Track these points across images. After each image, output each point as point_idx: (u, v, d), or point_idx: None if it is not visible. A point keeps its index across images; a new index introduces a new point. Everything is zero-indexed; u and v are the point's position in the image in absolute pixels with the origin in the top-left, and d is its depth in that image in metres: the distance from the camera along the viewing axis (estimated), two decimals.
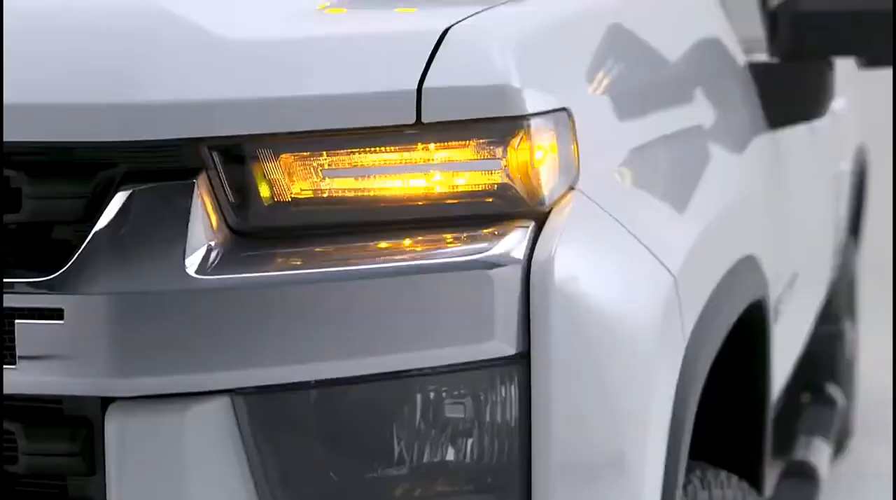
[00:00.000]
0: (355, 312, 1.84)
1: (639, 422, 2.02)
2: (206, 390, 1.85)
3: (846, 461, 5.69)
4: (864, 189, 6.09)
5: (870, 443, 5.85)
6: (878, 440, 5.83)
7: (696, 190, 2.47)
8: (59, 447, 1.87)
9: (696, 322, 2.26)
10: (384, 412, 1.89)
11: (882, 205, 7.59)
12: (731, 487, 2.68)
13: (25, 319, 1.83)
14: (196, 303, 1.82)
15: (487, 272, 1.87)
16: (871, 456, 5.69)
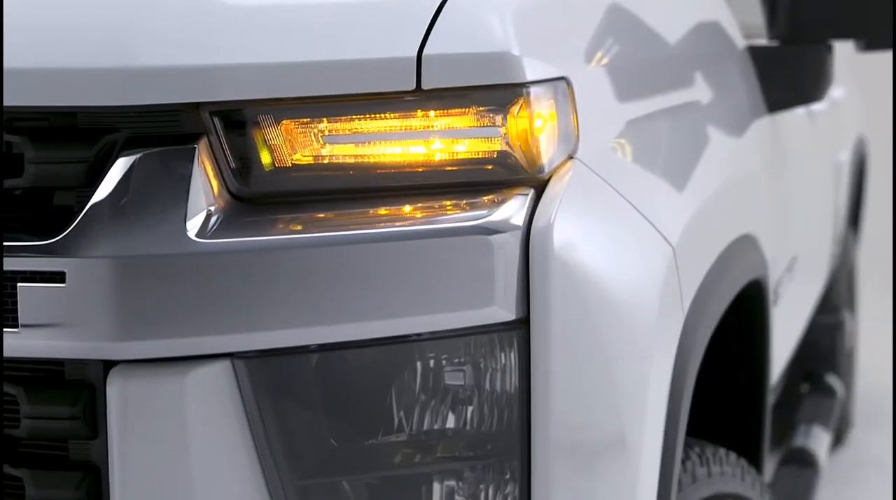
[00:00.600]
0: (355, 276, 1.85)
1: (638, 389, 2.03)
2: (207, 353, 1.85)
3: (846, 451, 5.70)
4: (864, 180, 6.10)
5: (870, 434, 5.86)
6: (878, 430, 5.84)
7: (694, 166, 2.48)
8: (61, 410, 1.87)
9: (695, 296, 2.27)
10: (384, 378, 1.90)
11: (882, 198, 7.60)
12: (729, 464, 2.69)
13: (27, 282, 1.84)
14: (197, 266, 1.83)
15: (487, 238, 1.88)
16: (871, 447, 5.70)
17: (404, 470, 1.94)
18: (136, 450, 1.86)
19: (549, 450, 1.94)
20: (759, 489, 2.74)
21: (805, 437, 4.36)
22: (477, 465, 1.97)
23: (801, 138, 3.77)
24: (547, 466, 1.94)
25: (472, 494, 1.97)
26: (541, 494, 1.95)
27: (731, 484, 2.65)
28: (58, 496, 1.90)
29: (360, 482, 1.94)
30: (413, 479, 1.95)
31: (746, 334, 2.95)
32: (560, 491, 1.95)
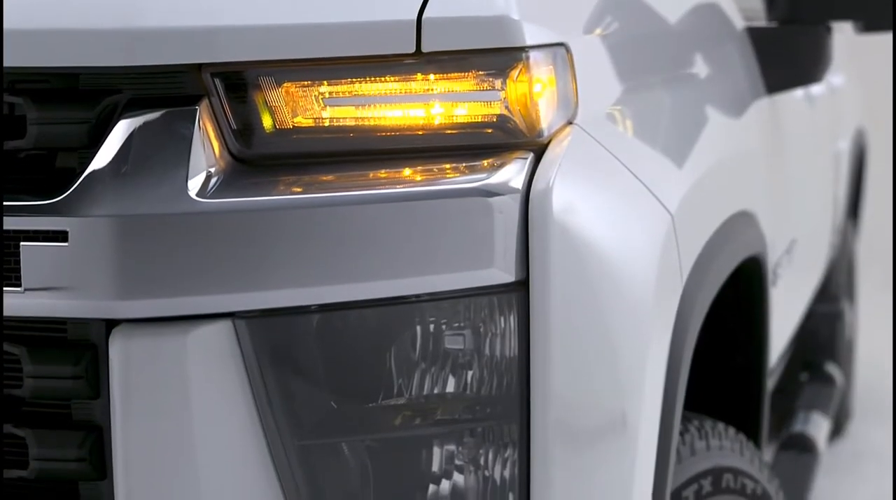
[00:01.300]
0: (355, 237, 1.87)
1: (637, 353, 2.04)
2: (209, 312, 1.86)
3: (845, 442, 5.71)
4: (864, 172, 6.12)
5: (869, 426, 5.87)
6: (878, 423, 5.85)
7: (692, 139, 2.50)
8: (64, 369, 1.88)
9: (694, 265, 2.29)
10: (384, 339, 1.91)
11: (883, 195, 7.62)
12: (728, 438, 2.70)
13: (30, 241, 1.85)
14: (198, 226, 1.84)
15: (486, 200, 1.89)
16: (871, 439, 5.71)
17: (404, 432, 1.96)
18: (137, 409, 1.87)
19: (548, 413, 1.95)
20: (757, 465, 2.75)
21: (804, 423, 4.37)
22: (477, 428, 1.98)
23: (800, 122, 3.78)
24: (546, 429, 1.95)
25: (472, 457, 1.98)
26: (540, 456, 1.96)
27: (730, 458, 2.66)
28: (60, 455, 1.91)
29: (360, 443, 1.95)
30: (413, 441, 1.96)
31: (745, 312, 2.96)
32: (559, 454, 1.96)
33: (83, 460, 1.91)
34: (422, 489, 1.98)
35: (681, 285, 2.21)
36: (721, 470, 2.60)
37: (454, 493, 1.98)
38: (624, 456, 2.03)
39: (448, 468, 1.98)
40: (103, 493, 1.93)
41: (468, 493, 1.98)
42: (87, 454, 1.91)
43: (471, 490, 1.98)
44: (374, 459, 1.96)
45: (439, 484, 1.98)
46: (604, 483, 2.02)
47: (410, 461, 1.97)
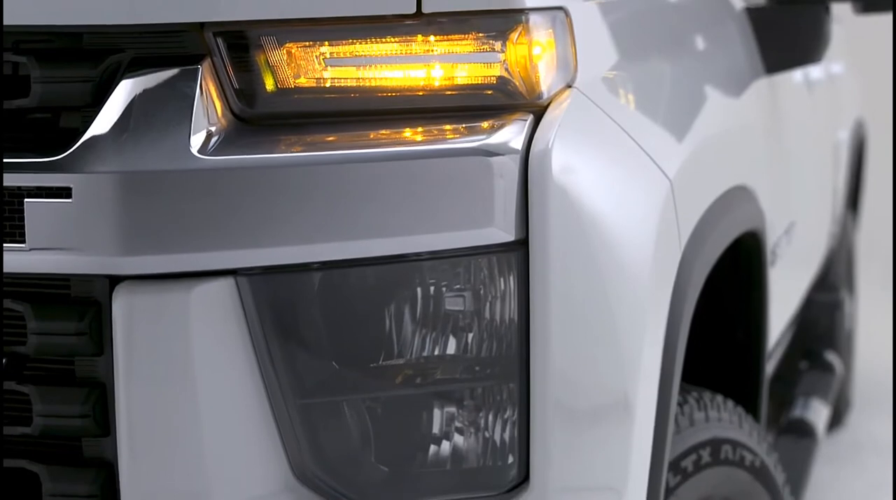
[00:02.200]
0: (356, 195, 1.88)
1: (635, 311, 2.05)
2: (211, 269, 1.88)
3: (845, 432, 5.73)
4: (863, 163, 6.14)
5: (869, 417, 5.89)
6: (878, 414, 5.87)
7: (692, 111, 2.52)
8: (68, 326, 1.90)
9: (692, 234, 2.30)
10: (384, 297, 1.93)
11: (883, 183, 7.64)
12: (727, 411, 2.71)
13: (34, 198, 1.86)
14: (200, 183, 1.86)
15: (486, 159, 1.91)
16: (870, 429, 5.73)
17: (404, 391, 1.97)
18: (140, 365, 1.89)
19: (547, 372, 1.96)
20: (756, 438, 2.76)
21: (803, 409, 4.38)
22: (477, 388, 1.99)
23: (799, 106, 3.80)
24: (546, 388, 1.97)
25: (472, 417, 2.00)
26: (540, 416, 1.97)
27: (729, 430, 2.67)
28: (63, 411, 1.92)
29: (360, 402, 1.96)
30: (413, 401, 1.98)
31: (744, 289, 2.98)
32: (559, 414, 1.98)
33: (86, 416, 1.92)
34: (422, 449, 1.99)
35: (679, 250, 2.23)
36: (720, 441, 2.62)
37: (454, 453, 1.99)
38: (623, 410, 2.04)
39: (448, 429, 1.99)
40: (106, 449, 1.95)
41: (468, 453, 2.00)
42: (90, 410, 1.92)
43: (471, 451, 2.00)
44: (375, 418, 1.97)
45: (439, 444, 2.00)
46: (603, 440, 2.03)
47: (410, 420, 1.99)
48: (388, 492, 1.99)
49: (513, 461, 2.00)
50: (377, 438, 1.97)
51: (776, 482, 2.80)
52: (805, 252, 4.11)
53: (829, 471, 5.21)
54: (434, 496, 1.99)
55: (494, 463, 2.01)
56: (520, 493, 1.98)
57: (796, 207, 3.70)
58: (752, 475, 2.70)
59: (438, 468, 1.99)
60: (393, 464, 1.99)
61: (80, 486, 1.95)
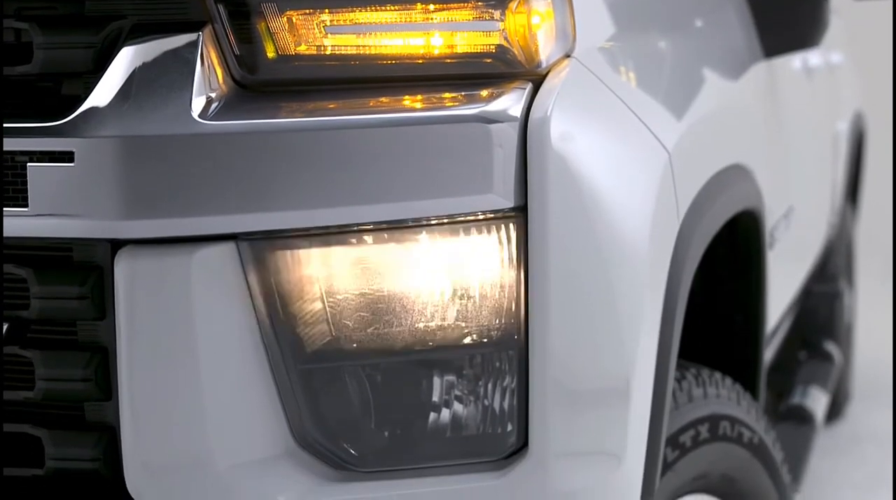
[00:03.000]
0: (356, 160, 1.89)
1: (633, 279, 2.07)
2: (212, 233, 1.89)
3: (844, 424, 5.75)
4: (862, 156, 6.15)
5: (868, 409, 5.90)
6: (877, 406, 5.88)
7: (690, 87, 2.53)
8: (70, 290, 1.91)
9: (690, 207, 2.31)
10: (383, 263, 1.94)
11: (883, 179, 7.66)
12: (725, 387, 2.73)
13: (37, 162, 1.88)
14: (201, 147, 1.87)
15: (485, 126, 1.92)
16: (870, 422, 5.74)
17: (404, 358, 1.98)
18: (142, 330, 1.90)
19: (546, 339, 1.97)
20: (754, 415, 2.77)
21: (802, 396, 4.40)
22: (476, 355, 2.00)
23: (797, 91, 3.82)
24: (544, 355, 1.98)
25: (472, 385, 2.01)
26: (538, 382, 1.98)
27: (728, 407, 2.68)
28: (66, 375, 1.94)
29: (360, 369, 1.98)
30: (412, 367, 1.99)
31: (743, 270, 2.99)
32: (557, 380, 1.99)
33: (88, 380, 1.94)
34: (421, 416, 2.01)
35: (677, 222, 2.24)
36: (718, 418, 2.63)
37: (454, 420, 2.01)
38: (621, 378, 2.05)
39: (447, 395, 2.01)
40: (108, 413, 1.96)
41: (467, 420, 2.01)
42: (92, 374, 1.94)
43: (470, 417, 2.01)
44: (374, 385, 1.99)
45: (439, 411, 2.01)
46: (602, 406, 2.05)
47: (410, 387, 2.00)
48: (388, 458, 2.00)
49: (512, 428, 2.01)
50: (377, 404, 1.99)
51: (774, 460, 2.82)
52: (804, 239, 4.12)
53: (828, 462, 5.23)
54: (433, 461, 2.01)
55: (494, 430, 2.02)
56: (519, 459, 1.99)
57: (795, 192, 3.72)
58: (751, 452, 2.72)
59: (438, 435, 2.01)
60: (393, 430, 2.00)
61: (82, 450, 1.97)
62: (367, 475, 1.99)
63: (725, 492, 2.69)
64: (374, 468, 1.99)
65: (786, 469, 2.90)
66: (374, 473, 1.99)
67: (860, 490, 4.99)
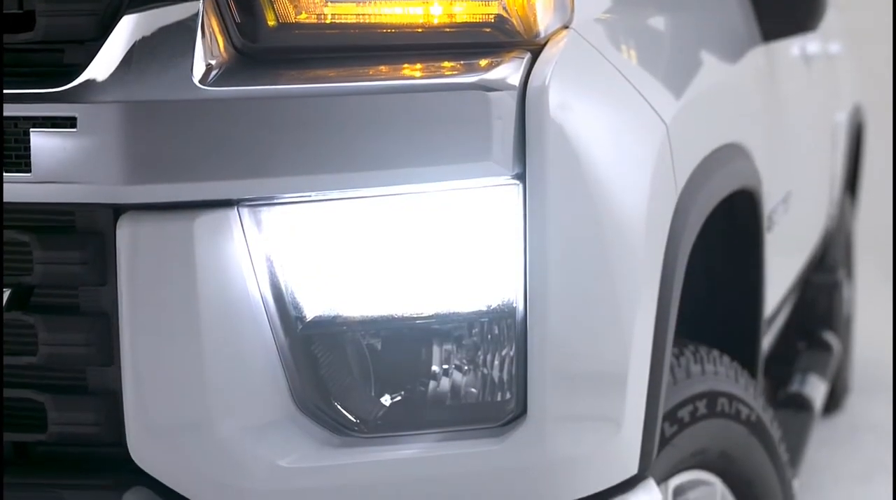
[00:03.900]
0: (355, 127, 1.91)
1: (631, 248, 2.08)
2: (213, 199, 1.90)
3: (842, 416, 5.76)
4: (861, 149, 6.17)
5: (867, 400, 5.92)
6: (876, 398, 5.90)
7: (689, 64, 2.55)
8: (72, 256, 1.93)
9: (688, 181, 2.33)
10: (382, 228, 1.96)
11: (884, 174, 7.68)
12: (723, 365, 2.74)
13: (39, 128, 1.89)
14: (201, 113, 1.89)
15: (484, 94, 1.93)
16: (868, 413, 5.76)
17: (402, 325, 2.00)
18: (143, 295, 1.92)
19: (544, 306, 1.99)
20: (752, 393, 2.79)
21: (801, 384, 4.42)
22: (474, 322, 2.02)
23: (795, 77, 3.84)
24: (543, 322, 1.99)
25: (470, 353, 2.03)
26: (537, 349, 2.00)
27: (725, 384, 2.70)
28: (68, 339, 1.95)
29: (360, 335, 1.99)
30: (411, 335, 2.01)
31: (741, 251, 3.01)
32: (555, 347, 2.00)
33: (91, 345, 1.95)
34: (420, 383, 2.02)
35: (675, 195, 2.26)
36: (716, 394, 2.64)
37: (453, 387, 2.02)
38: (620, 344, 2.07)
39: (446, 363, 2.02)
40: (110, 379, 1.98)
41: (466, 387, 2.03)
42: (94, 339, 1.95)
43: (469, 385, 2.03)
44: (374, 352, 2.00)
45: (438, 379, 2.03)
46: (600, 372, 2.06)
47: (408, 355, 2.02)
48: (387, 424, 2.02)
49: (510, 395, 2.02)
50: (376, 371, 2.01)
51: (772, 438, 2.83)
52: (802, 226, 4.14)
53: (827, 452, 5.24)
54: (432, 427, 2.02)
55: (493, 397, 2.03)
56: (517, 425, 2.01)
57: (793, 178, 3.73)
58: (748, 430, 2.73)
59: (437, 402, 2.02)
60: (392, 397, 2.02)
61: (84, 414, 1.98)
62: (367, 439, 2.00)
63: (724, 469, 2.71)
64: (374, 433, 2.01)
65: (784, 448, 2.91)
66: (374, 438, 2.00)
67: (858, 480, 5.00)
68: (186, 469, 1.96)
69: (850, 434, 5.53)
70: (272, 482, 1.95)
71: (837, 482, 4.98)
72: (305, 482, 1.96)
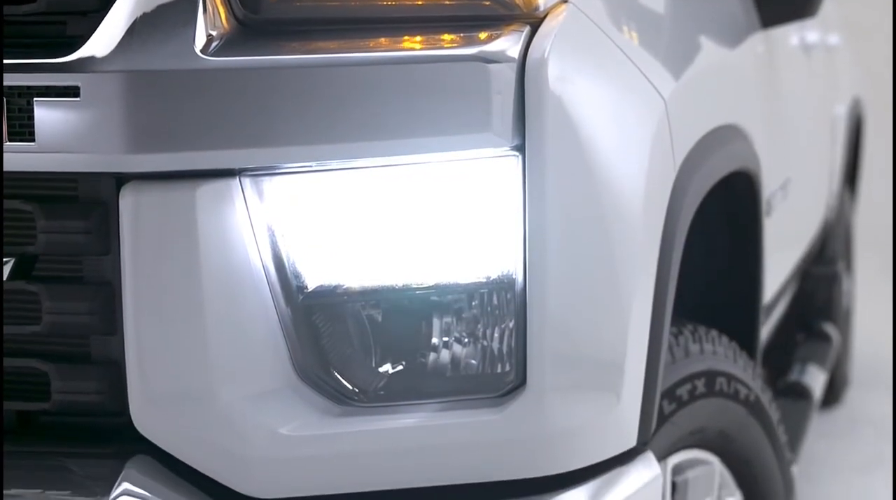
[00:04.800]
0: (355, 97, 1.92)
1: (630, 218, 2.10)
2: (215, 168, 1.92)
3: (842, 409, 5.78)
4: (861, 142, 6.19)
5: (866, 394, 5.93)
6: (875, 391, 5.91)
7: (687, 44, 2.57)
8: (76, 225, 1.95)
9: (686, 158, 2.35)
10: (382, 198, 1.97)
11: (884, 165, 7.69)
12: (722, 345, 2.75)
13: (43, 97, 1.91)
14: (203, 83, 1.90)
15: (484, 66, 1.95)
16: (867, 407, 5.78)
17: (403, 295, 2.01)
18: (146, 264, 1.94)
19: (543, 278, 2.00)
20: (750, 374, 2.80)
21: (800, 373, 4.43)
22: (474, 293, 2.03)
23: (794, 65, 3.86)
24: (543, 294, 2.01)
25: (470, 325, 2.04)
26: (536, 321, 2.01)
27: (724, 364, 2.71)
28: (72, 308, 1.97)
29: (360, 305, 2.01)
30: (412, 305, 2.02)
31: (740, 233, 3.02)
32: (554, 318, 2.02)
33: (94, 313, 1.97)
34: (420, 354, 2.04)
35: (674, 170, 2.27)
36: (714, 373, 2.65)
37: (453, 359, 2.04)
38: (619, 315, 2.09)
39: (446, 334, 2.04)
40: (114, 348, 1.99)
41: (466, 358, 2.04)
42: (98, 308, 1.97)
43: (468, 355, 2.04)
44: (374, 322, 2.02)
45: (437, 350, 2.04)
46: (599, 343, 2.08)
47: (408, 326, 2.03)
48: (387, 394, 2.03)
49: (510, 366, 2.04)
50: (377, 341, 2.02)
51: (771, 419, 2.84)
52: (800, 214, 4.16)
53: (826, 445, 5.26)
54: (431, 397, 2.04)
55: (493, 368, 2.05)
56: (516, 395, 2.02)
57: (792, 165, 3.75)
58: (747, 409, 2.74)
59: (438, 373, 2.04)
60: (392, 368, 2.03)
61: (88, 383, 2.00)
62: (367, 409, 2.02)
63: (722, 448, 2.72)
64: (375, 403, 2.02)
65: (782, 430, 2.92)
66: (375, 407, 2.02)
67: (858, 472, 5.01)
68: (188, 437, 1.97)
69: (850, 427, 5.54)
70: (273, 449, 1.96)
71: (836, 473, 4.99)
72: (306, 450, 1.98)
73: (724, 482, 2.74)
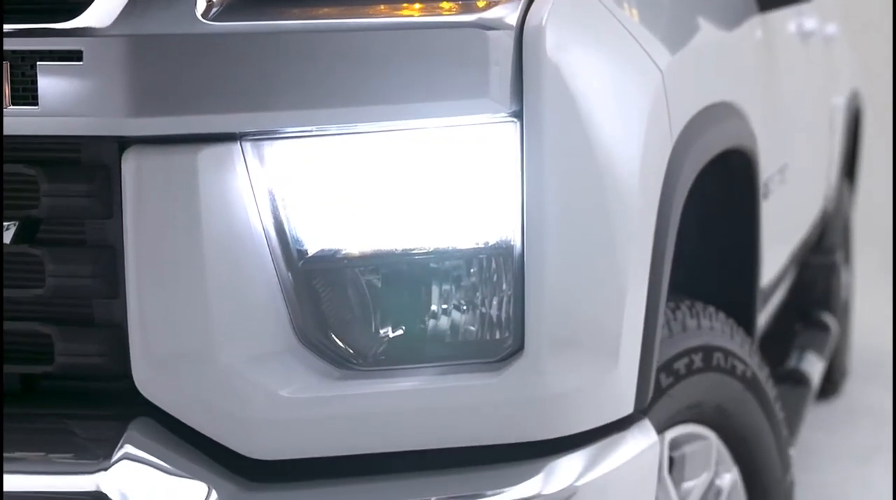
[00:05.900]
0: (354, 62, 1.95)
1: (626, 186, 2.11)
2: (216, 132, 1.94)
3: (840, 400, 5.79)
4: (859, 134, 6.20)
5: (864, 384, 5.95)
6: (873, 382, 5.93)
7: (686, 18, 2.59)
8: (78, 188, 1.97)
9: (683, 130, 2.36)
10: (383, 163, 2.00)
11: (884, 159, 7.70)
12: (719, 321, 2.77)
13: (46, 61, 1.93)
14: (205, 47, 1.93)
15: (482, 33, 1.97)
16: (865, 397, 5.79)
17: (402, 260, 2.03)
18: (148, 228, 1.96)
19: (541, 244, 2.02)
20: (747, 350, 2.82)
21: (798, 361, 4.44)
22: (472, 259, 2.05)
23: (792, 51, 3.88)
24: (540, 260, 2.02)
25: (468, 290, 2.06)
26: (534, 286, 2.03)
27: (721, 339, 2.72)
28: (75, 271, 1.99)
29: (360, 270, 2.03)
30: (411, 270, 2.04)
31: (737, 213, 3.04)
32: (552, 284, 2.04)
33: (97, 276, 1.99)
34: (419, 320, 2.06)
35: (670, 142, 2.29)
36: (712, 349, 2.67)
37: (452, 324, 2.06)
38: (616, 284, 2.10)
39: (445, 300, 2.06)
40: (116, 311, 2.01)
41: (464, 323, 2.06)
42: (100, 271, 1.99)
43: (467, 321, 2.06)
44: (373, 287, 2.04)
45: (436, 315, 2.06)
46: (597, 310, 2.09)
47: (407, 291, 2.05)
48: (386, 358, 2.05)
49: (508, 331, 2.06)
50: (376, 306, 2.04)
51: (767, 395, 2.86)
52: (798, 200, 4.17)
53: (823, 435, 5.27)
54: (430, 361, 2.06)
55: (491, 333, 2.07)
56: (514, 360, 2.04)
57: (789, 151, 3.77)
58: (744, 385, 2.76)
59: (436, 338, 2.06)
60: (391, 332, 2.05)
61: (90, 346, 2.02)
62: (366, 372, 2.04)
63: (719, 424, 2.73)
64: (374, 367, 2.04)
65: (779, 406, 2.94)
66: (374, 371, 2.04)
67: (857, 461, 5.03)
68: (190, 399, 2.00)
69: (849, 417, 5.56)
70: (273, 411, 1.99)
71: (835, 462, 5.01)
72: (306, 412, 2.00)
73: (721, 457, 2.75)
